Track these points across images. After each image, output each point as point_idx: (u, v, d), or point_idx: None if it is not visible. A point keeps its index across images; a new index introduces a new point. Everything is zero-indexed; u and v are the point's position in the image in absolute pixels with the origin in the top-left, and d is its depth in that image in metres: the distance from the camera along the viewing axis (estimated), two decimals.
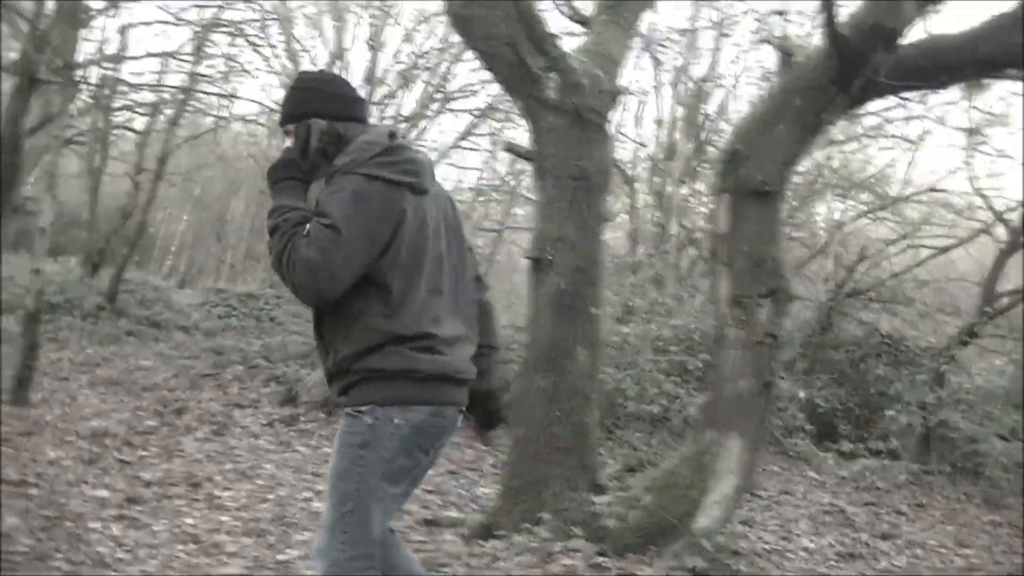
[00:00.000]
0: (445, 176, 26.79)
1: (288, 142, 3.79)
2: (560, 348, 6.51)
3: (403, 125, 23.36)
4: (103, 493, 6.80)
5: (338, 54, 23.18)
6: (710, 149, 18.23)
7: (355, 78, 22.46)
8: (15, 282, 16.97)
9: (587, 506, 6.25)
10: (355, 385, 3.50)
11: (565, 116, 6.65)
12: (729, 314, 6.26)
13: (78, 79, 11.22)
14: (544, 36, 6.70)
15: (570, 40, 7.32)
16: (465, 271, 3.80)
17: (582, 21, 7.95)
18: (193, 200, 32.70)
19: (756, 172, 6.28)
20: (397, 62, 23.08)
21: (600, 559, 5.79)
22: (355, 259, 3.38)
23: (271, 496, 7.20)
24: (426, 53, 23.06)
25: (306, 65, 21.34)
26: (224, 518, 6.43)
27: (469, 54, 22.96)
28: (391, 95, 23.52)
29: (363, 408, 3.46)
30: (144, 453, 8.29)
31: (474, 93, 23.51)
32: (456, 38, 22.93)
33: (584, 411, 6.56)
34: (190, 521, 6.26)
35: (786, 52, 6.89)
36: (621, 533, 6.02)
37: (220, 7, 17.97)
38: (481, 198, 27.78)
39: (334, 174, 3.54)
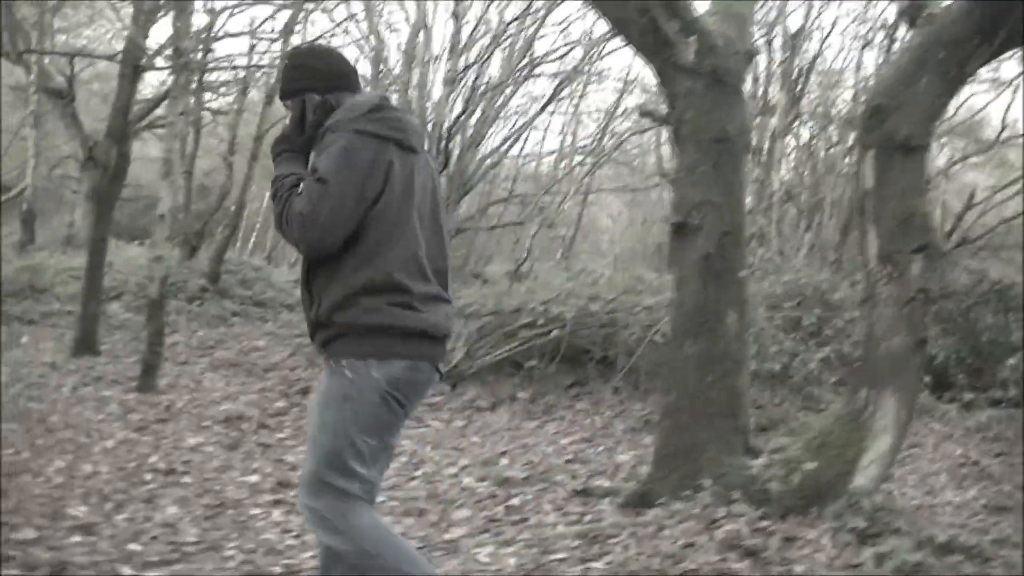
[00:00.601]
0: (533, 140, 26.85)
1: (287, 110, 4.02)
2: (709, 312, 6.45)
3: (488, 93, 23.38)
4: (254, 478, 6.85)
5: (421, 24, 23.15)
6: (803, 103, 18.10)
7: (437, 47, 22.52)
8: (114, 268, 17.20)
9: (745, 470, 6.20)
10: (336, 339, 3.66)
11: (702, 79, 6.56)
12: (879, 271, 6.16)
13: (187, 63, 11.19)
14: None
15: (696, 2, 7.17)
16: (443, 234, 3.90)
17: None
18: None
19: (901, 126, 6.17)
20: (486, 30, 23.01)
21: (763, 523, 5.74)
22: (346, 209, 3.55)
23: (418, 473, 7.20)
24: (514, 19, 22.93)
25: (390, 38, 21.37)
26: (379, 498, 6.43)
27: (553, 18, 23.00)
28: (476, 62, 23.50)
29: (343, 361, 3.63)
30: (281, 435, 8.34)
31: (560, 58, 23.45)
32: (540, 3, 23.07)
33: (736, 375, 6.50)
34: None
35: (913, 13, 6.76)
36: (782, 496, 5.95)
37: None
38: (565, 161, 27.78)
39: (325, 132, 3.72)
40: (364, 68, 23.81)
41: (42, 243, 23.35)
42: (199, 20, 13.85)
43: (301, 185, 3.65)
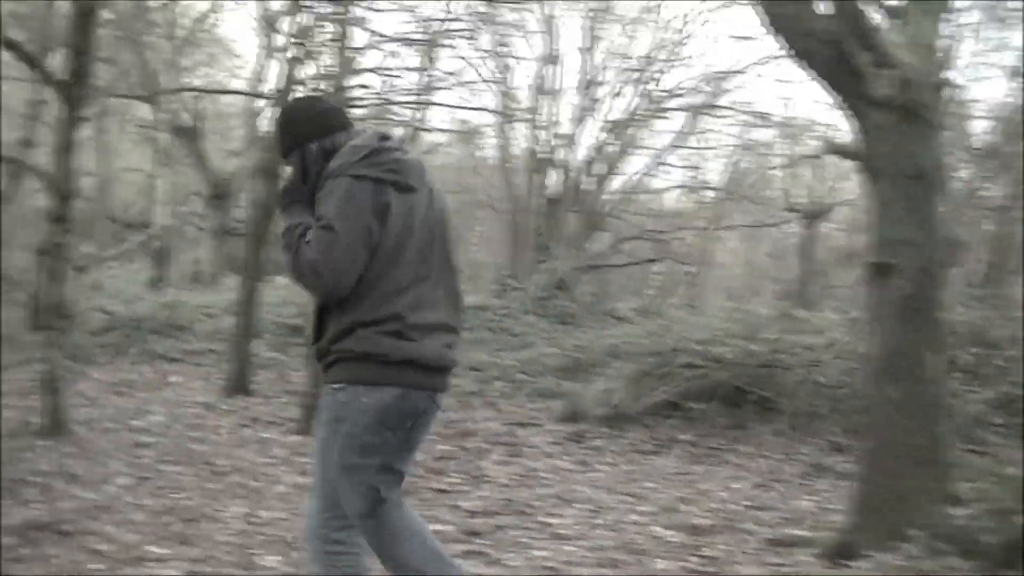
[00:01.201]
0: (662, 175, 26.67)
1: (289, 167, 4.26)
2: (907, 355, 6.19)
3: (620, 127, 23.27)
4: (437, 527, 6.70)
5: (550, 57, 23.16)
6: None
7: (568, 80, 22.46)
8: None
9: (950, 519, 5.94)
10: (332, 365, 3.96)
11: (894, 112, 6.34)
12: None
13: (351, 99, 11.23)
14: (869, 30, 6.41)
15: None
16: (450, 264, 4.13)
17: (894, 12, 7.63)
18: None
19: None
20: (623, 66, 22.96)
21: None
22: (355, 251, 3.78)
23: (599, 521, 7.00)
24: (647, 54, 22.85)
25: (516, 71, 21.41)
26: (569, 548, 6.26)
27: (687, 51, 22.89)
28: (608, 97, 23.44)
29: (336, 386, 3.94)
30: (453, 480, 8.21)
31: (691, 91, 23.31)
32: (673, 36, 22.96)
33: (937, 419, 6.24)
34: (541, 553, 6.08)
35: None
36: (994, 548, 5.69)
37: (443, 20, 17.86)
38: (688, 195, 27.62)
39: (327, 178, 3.90)
40: (492, 101, 23.93)
41: (171, 280, 23.65)
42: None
43: (309, 234, 3.86)
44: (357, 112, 17.07)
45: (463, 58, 21.88)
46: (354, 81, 13.57)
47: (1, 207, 14.78)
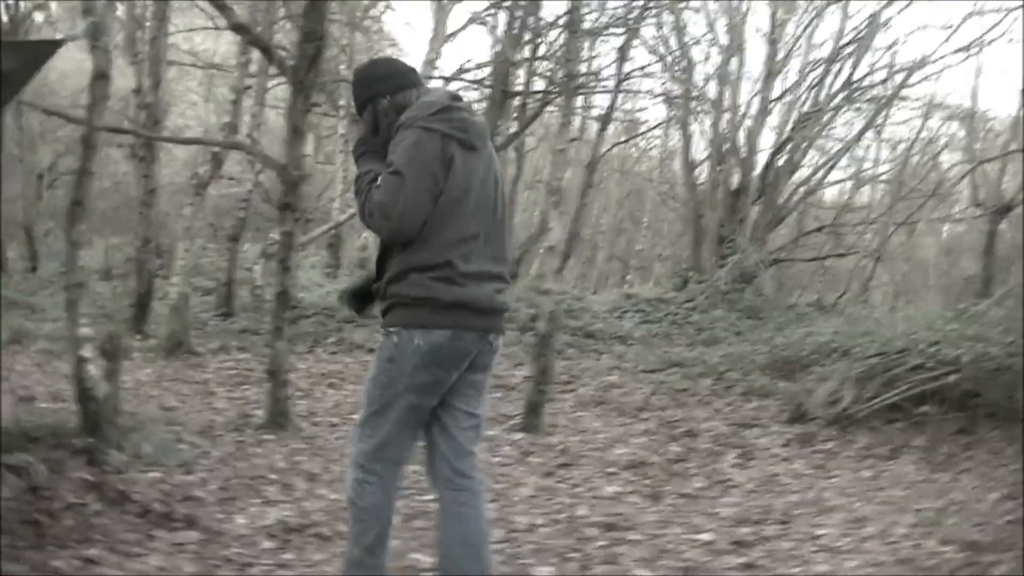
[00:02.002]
0: (845, 167, 26.19)
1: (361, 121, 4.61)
2: None
3: (805, 119, 22.82)
4: (704, 536, 6.47)
5: (735, 48, 22.81)
6: None
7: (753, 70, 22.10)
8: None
9: None
10: (389, 309, 4.26)
11: None
12: None
13: (577, 87, 11.06)
14: None
15: None
16: (502, 221, 4.44)
17: None
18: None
19: None
20: (809, 56, 22.56)
21: None
22: (420, 196, 4.08)
23: (865, 532, 6.71)
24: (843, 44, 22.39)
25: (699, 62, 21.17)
26: (851, 563, 5.99)
27: (875, 41, 22.33)
28: (792, 87, 23.05)
29: (391, 328, 4.25)
30: (698, 485, 7.99)
31: (881, 83, 22.80)
32: (860, 25, 22.41)
33: None
34: (821, 568, 5.81)
35: None
36: None
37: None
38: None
39: (399, 128, 4.20)
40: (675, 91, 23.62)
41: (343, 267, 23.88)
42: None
43: (379, 178, 4.16)
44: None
45: (649, 47, 21.63)
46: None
47: (204, 195, 14.97)
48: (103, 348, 7.65)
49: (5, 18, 19.73)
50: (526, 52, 14.57)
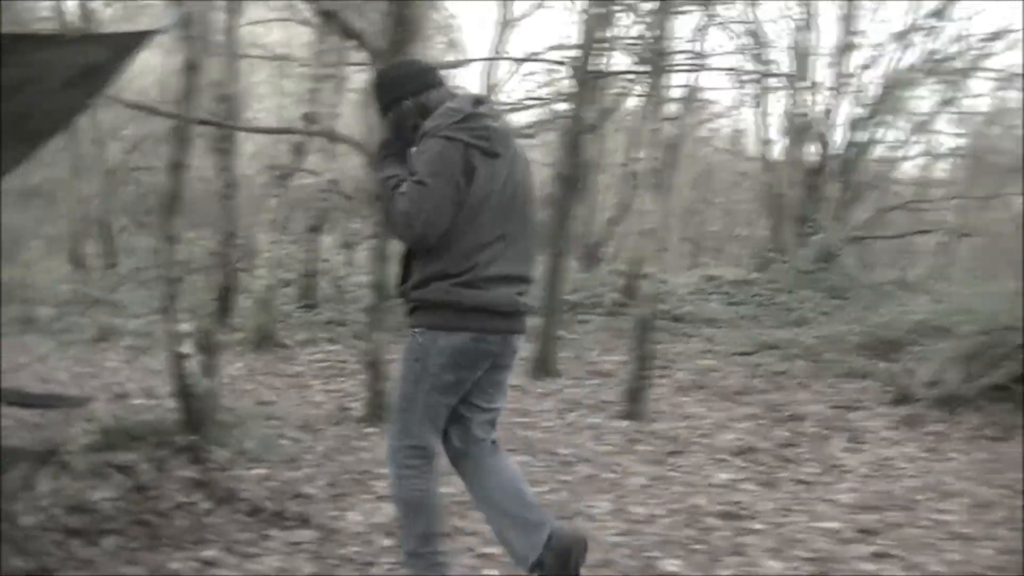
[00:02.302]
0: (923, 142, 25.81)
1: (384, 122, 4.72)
2: None
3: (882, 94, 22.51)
4: (831, 524, 6.30)
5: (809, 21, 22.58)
6: None
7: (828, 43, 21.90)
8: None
9: None
10: (413, 311, 4.41)
11: None
12: None
13: (669, 67, 10.90)
14: None
15: None
16: (527, 224, 4.54)
17: None
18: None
19: None
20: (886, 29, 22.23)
21: None
22: (444, 206, 4.19)
23: (993, 518, 6.50)
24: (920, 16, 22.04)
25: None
26: (985, 551, 5.80)
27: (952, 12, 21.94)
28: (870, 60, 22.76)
29: (417, 330, 4.39)
30: (812, 470, 7.84)
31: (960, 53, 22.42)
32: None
33: None
34: (953, 556, 5.62)
35: None
36: None
37: None
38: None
39: (423, 136, 4.33)
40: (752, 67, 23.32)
41: None
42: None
43: (403, 186, 4.25)
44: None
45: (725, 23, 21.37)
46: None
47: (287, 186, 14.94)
48: (200, 343, 7.64)
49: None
50: (612, 31, 14.30)
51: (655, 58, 10.34)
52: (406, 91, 4.55)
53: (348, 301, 17.47)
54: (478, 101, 4.49)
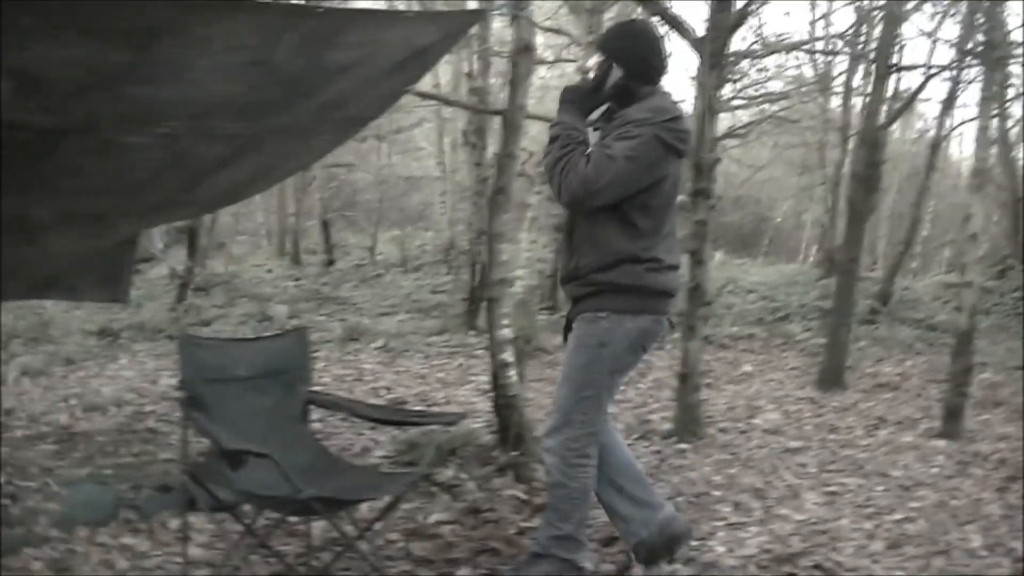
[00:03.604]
0: None
1: (593, 64, 4.81)
2: None
3: None
4: None
5: None
6: None
7: None
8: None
9: None
10: (595, 295, 4.58)
11: None
12: None
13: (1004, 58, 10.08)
14: None
15: None
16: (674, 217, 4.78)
17: None
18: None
19: None
20: None
21: None
22: (618, 188, 4.43)
23: None
24: None
25: None
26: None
27: None
28: None
29: (602, 314, 4.56)
30: None
31: None
32: None
33: None
34: None
35: None
36: None
37: None
38: None
39: (628, 122, 4.48)
40: None
41: None
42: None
43: (590, 148, 4.49)
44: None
45: None
46: None
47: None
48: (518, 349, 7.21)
49: None
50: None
51: (986, 51, 9.45)
52: (627, 63, 4.65)
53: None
54: (675, 103, 4.72)
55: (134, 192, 5.67)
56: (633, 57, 4.66)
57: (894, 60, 11.98)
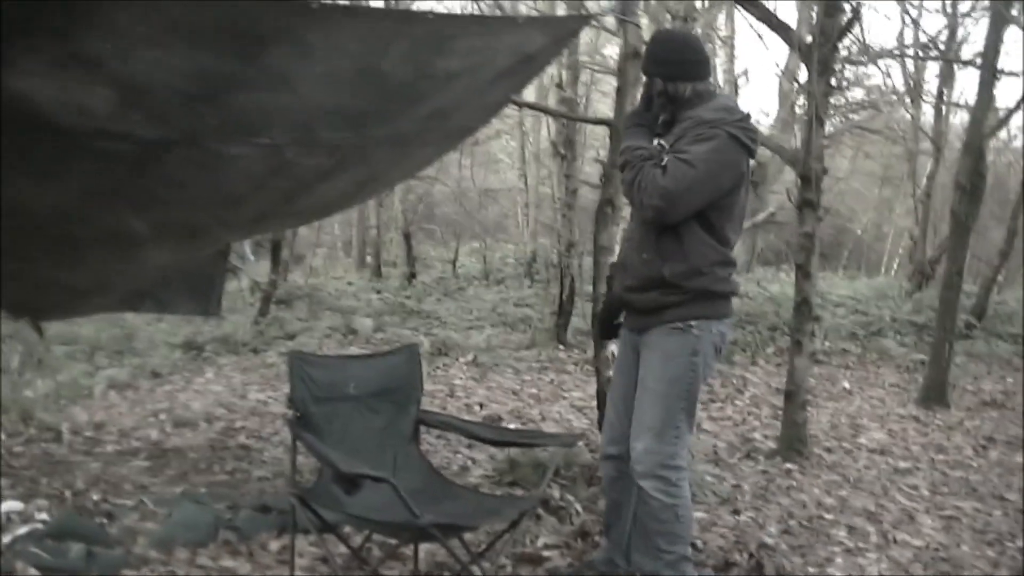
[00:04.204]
0: None
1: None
2: None
3: None
4: None
5: None
6: None
7: None
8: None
9: None
10: (685, 303, 4.43)
11: None
12: None
13: None
14: None
15: None
16: None
17: None
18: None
19: None
20: None
21: None
22: (701, 194, 4.33)
23: None
24: None
25: None
26: None
27: None
28: None
29: (693, 323, 4.44)
30: None
31: None
32: None
33: None
34: None
35: None
36: None
37: None
38: None
39: (702, 123, 4.39)
40: None
41: None
42: None
43: (665, 159, 4.35)
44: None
45: None
46: None
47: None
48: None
49: None
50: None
51: None
52: (662, 71, 4.55)
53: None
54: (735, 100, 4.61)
55: (234, 204, 5.52)
56: (665, 61, 4.58)
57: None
